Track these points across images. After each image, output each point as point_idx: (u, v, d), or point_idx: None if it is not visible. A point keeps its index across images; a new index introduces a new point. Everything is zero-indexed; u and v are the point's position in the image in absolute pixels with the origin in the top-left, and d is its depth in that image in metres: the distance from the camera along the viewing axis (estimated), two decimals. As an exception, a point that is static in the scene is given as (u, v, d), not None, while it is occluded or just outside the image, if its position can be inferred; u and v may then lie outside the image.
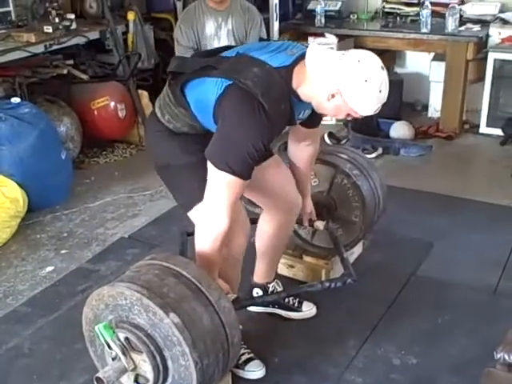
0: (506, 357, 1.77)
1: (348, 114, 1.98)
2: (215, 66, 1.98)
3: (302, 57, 1.97)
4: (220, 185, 1.94)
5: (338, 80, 1.89)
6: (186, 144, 2.13)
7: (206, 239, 2.00)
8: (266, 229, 2.48)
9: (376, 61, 1.92)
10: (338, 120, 4.93)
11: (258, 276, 2.65)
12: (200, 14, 3.94)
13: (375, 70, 1.90)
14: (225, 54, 2.10)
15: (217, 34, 3.97)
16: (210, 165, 1.94)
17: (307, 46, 2.00)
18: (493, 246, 3.16)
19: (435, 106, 5.05)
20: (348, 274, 2.42)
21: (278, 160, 2.42)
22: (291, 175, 2.46)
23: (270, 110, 1.88)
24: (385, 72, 1.92)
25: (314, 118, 2.24)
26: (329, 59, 1.93)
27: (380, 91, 1.89)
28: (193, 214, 2.16)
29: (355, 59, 1.90)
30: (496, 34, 4.59)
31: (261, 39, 3.94)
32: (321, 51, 1.96)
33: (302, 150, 2.45)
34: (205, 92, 1.99)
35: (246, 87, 1.88)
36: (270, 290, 2.63)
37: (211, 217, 1.98)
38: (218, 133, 1.96)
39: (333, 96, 1.91)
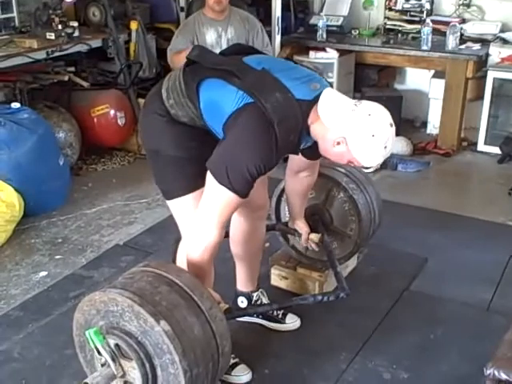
0: (496, 373, 1.77)
1: (350, 162, 1.98)
2: (238, 74, 1.96)
3: None
4: (217, 199, 1.95)
5: (346, 130, 1.90)
6: (182, 137, 2.10)
7: (196, 250, 2.01)
8: (236, 234, 2.50)
9: (386, 117, 1.92)
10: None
11: (241, 284, 2.67)
12: (199, 25, 3.98)
13: (384, 126, 1.91)
14: (248, 60, 2.06)
15: (218, 43, 4.00)
16: (209, 176, 1.94)
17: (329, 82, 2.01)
18: (487, 263, 3.16)
19: (434, 122, 5.07)
20: (341, 287, 2.41)
21: None
22: (265, 180, 2.43)
23: (280, 138, 1.89)
24: (393, 129, 1.93)
25: (316, 151, 2.22)
26: (341, 107, 1.93)
27: (385, 147, 1.91)
28: (171, 204, 2.20)
29: (366, 112, 1.90)
30: (496, 53, 4.61)
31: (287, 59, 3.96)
32: (335, 97, 1.96)
33: (300, 181, 2.46)
34: (222, 98, 1.98)
35: (265, 110, 1.88)
36: (254, 299, 2.65)
37: (203, 229, 1.98)
38: (225, 147, 1.95)
39: (338, 143, 1.92)
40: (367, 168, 2.00)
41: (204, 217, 1.98)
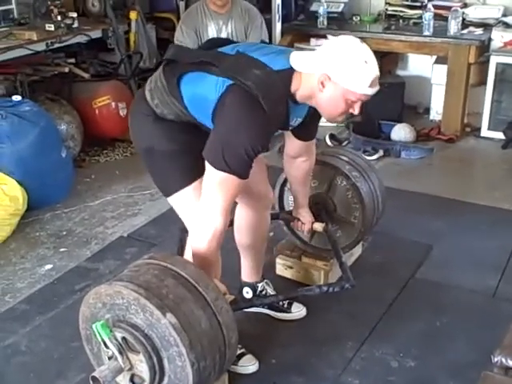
0: (504, 360, 1.77)
1: (348, 105, 1.95)
2: (214, 62, 1.98)
3: None
4: (217, 184, 1.94)
5: (322, 64, 1.91)
6: (172, 131, 2.12)
7: (202, 239, 2.00)
8: (241, 225, 2.50)
9: (354, 38, 1.96)
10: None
11: (246, 275, 2.67)
12: (202, 16, 3.95)
13: (354, 43, 1.93)
14: (223, 49, 2.09)
15: (218, 36, 3.97)
16: (207, 165, 1.95)
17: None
18: (492, 249, 3.15)
19: (437, 108, 5.04)
20: (346, 278, 2.40)
21: None
22: (263, 166, 2.45)
23: (269, 111, 1.89)
24: (365, 46, 1.94)
25: (309, 128, 2.26)
26: (310, 52, 1.98)
27: (366, 62, 1.89)
28: (172, 200, 2.20)
29: (332, 41, 1.95)
30: (498, 37, 4.58)
31: (262, 42, 3.95)
32: (303, 51, 2.03)
33: (298, 167, 2.46)
34: (204, 89, 1.99)
35: (247, 88, 1.88)
36: (259, 289, 2.65)
37: (208, 217, 1.97)
38: (217, 132, 1.95)
39: (323, 84, 1.92)
40: (368, 95, 1.92)
41: (208, 206, 1.97)
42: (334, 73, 1.89)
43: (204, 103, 1.98)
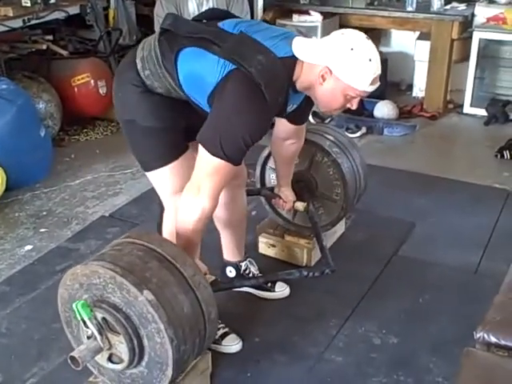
0: (486, 336, 1.78)
1: (347, 100, 1.93)
2: (216, 41, 1.92)
3: None
4: (211, 169, 1.90)
5: (325, 56, 1.87)
6: (158, 108, 2.06)
7: (189, 220, 1.96)
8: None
9: (360, 33, 1.91)
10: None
11: (228, 254, 2.64)
12: None
13: (360, 39, 1.88)
14: (225, 26, 2.01)
15: (199, 11, 3.90)
16: (201, 149, 1.90)
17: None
18: (475, 226, 3.16)
19: (420, 85, 5.03)
20: (326, 263, 2.40)
21: None
22: None
23: (270, 101, 1.85)
24: (371, 43, 1.89)
25: (303, 113, 2.23)
26: (314, 42, 1.93)
27: (370, 60, 1.85)
28: (151, 176, 2.18)
29: (337, 34, 1.90)
30: (481, 13, 4.56)
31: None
32: (306, 39, 1.97)
33: (286, 149, 2.44)
34: (203, 68, 1.93)
35: (250, 75, 1.83)
36: (243, 268, 2.63)
37: (197, 199, 1.93)
38: (215, 118, 1.90)
39: (323, 78, 1.88)
40: (367, 92, 1.90)
41: (198, 189, 1.92)
42: (336, 68, 1.86)
43: (201, 82, 1.93)
